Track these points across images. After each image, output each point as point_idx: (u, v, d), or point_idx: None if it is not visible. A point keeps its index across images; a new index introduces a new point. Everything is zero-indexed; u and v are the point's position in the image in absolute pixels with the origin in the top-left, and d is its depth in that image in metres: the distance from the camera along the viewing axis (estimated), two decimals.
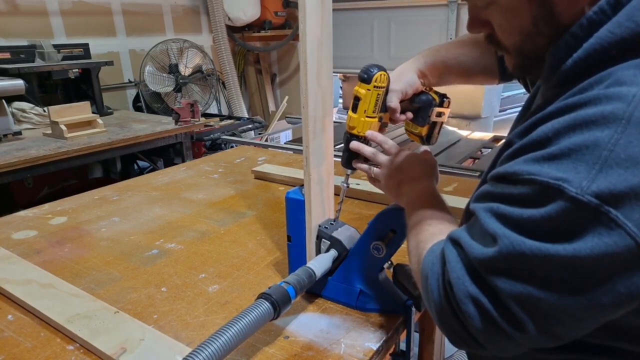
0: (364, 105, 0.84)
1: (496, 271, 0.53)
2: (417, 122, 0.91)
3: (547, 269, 0.50)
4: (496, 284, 0.53)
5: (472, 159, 2.58)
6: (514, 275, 0.52)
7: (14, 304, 0.96)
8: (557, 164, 0.49)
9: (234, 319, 0.69)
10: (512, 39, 0.62)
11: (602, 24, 0.53)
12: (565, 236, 0.48)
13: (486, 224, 0.55)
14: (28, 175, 2.15)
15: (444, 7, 3.40)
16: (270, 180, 1.73)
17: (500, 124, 3.96)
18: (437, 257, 0.63)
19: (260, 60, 4.79)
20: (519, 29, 0.60)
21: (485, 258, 0.54)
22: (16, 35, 2.94)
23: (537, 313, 0.52)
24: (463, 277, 0.57)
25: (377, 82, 0.82)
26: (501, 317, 0.53)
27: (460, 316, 0.57)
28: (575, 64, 0.55)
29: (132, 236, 1.28)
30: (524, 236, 0.51)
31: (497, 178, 0.57)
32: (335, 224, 0.95)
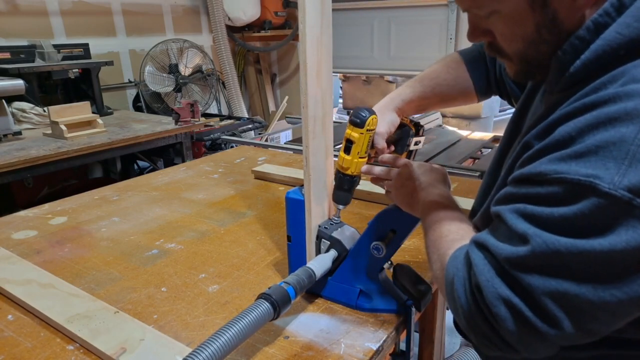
0: (357, 148, 0.88)
1: (529, 269, 0.54)
2: (396, 151, 0.97)
3: (583, 265, 0.50)
4: (529, 282, 0.53)
5: (472, 159, 2.58)
6: (548, 272, 0.52)
7: (14, 304, 0.96)
8: (585, 161, 0.50)
9: (234, 319, 0.69)
10: (515, 47, 0.63)
11: (608, 26, 0.55)
12: (599, 231, 0.49)
13: (514, 225, 0.55)
14: (28, 175, 2.15)
15: (444, 7, 3.40)
16: (270, 180, 1.73)
17: (500, 124, 3.96)
18: (461, 262, 0.63)
19: (260, 60, 4.79)
20: (522, 36, 0.61)
21: (516, 257, 0.54)
22: (16, 35, 2.94)
23: (573, 309, 0.52)
24: (492, 280, 0.56)
25: (369, 126, 0.86)
26: (535, 316, 0.54)
27: (491, 320, 0.57)
28: (584, 65, 0.56)
29: (132, 236, 1.28)
30: (557, 234, 0.51)
31: (521, 180, 0.57)
32: (335, 224, 0.95)
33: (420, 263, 1.07)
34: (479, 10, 0.63)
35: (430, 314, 1.30)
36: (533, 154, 0.57)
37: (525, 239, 0.53)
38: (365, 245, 0.88)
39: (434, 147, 2.68)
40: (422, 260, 1.08)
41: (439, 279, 0.69)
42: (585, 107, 0.53)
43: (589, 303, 0.51)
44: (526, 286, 0.54)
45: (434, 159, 2.45)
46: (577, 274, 0.51)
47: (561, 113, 0.56)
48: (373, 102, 0.98)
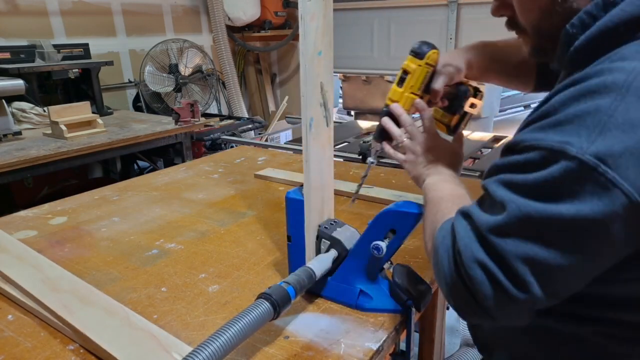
0: (411, 80, 0.83)
1: (503, 234, 0.56)
2: (449, 110, 0.91)
3: (550, 230, 0.53)
4: (502, 246, 0.55)
5: (472, 159, 2.58)
6: (520, 237, 0.54)
7: (14, 304, 0.96)
8: (561, 130, 0.52)
9: (233, 319, 0.70)
10: (531, 17, 0.65)
11: (616, 4, 0.56)
12: (567, 196, 0.51)
13: (494, 192, 0.58)
14: (28, 175, 2.15)
15: (444, 7, 3.39)
16: (271, 180, 1.73)
17: (500, 124, 3.96)
18: (447, 231, 0.65)
19: (260, 60, 4.79)
20: (537, 5, 0.63)
21: (493, 223, 0.57)
22: (16, 35, 2.94)
23: (542, 273, 0.54)
24: (471, 244, 0.59)
25: (429, 60, 0.81)
26: (507, 280, 0.55)
27: (468, 283, 0.59)
28: (587, 40, 0.58)
29: (132, 236, 1.28)
30: (530, 199, 0.53)
31: (505, 150, 0.60)
32: (335, 224, 0.95)
33: (420, 263, 1.07)
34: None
35: (430, 314, 1.30)
36: (522, 125, 0.60)
37: (503, 205, 0.56)
38: (365, 245, 0.88)
39: None
40: (422, 260, 1.08)
41: (428, 249, 0.73)
42: (572, 82, 0.55)
43: (557, 267, 0.53)
44: (500, 251, 0.56)
45: None
46: (546, 238, 0.53)
47: (554, 90, 0.58)
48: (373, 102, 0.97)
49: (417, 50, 0.82)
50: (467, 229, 0.61)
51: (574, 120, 0.51)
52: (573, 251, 0.53)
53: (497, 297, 0.57)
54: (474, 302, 0.59)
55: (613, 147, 0.49)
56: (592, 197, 0.50)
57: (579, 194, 0.50)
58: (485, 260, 0.57)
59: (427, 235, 0.75)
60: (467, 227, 0.61)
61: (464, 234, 0.61)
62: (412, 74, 0.82)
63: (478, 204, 0.63)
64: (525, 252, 0.54)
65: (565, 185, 0.51)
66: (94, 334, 0.81)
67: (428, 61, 0.81)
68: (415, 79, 0.83)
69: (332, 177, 0.96)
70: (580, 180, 0.50)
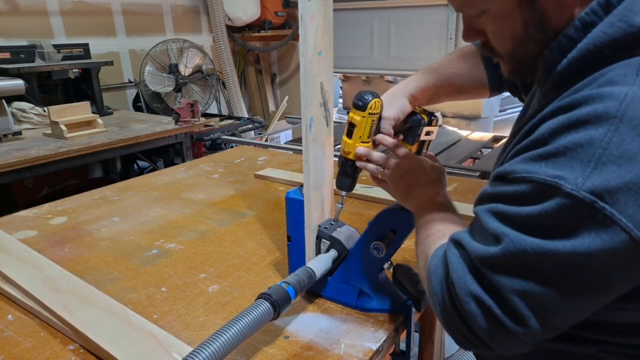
0: (359, 131, 0.85)
1: (498, 269, 0.54)
2: (407, 141, 0.93)
3: (547, 265, 0.51)
4: (498, 280, 0.54)
5: (472, 159, 2.58)
6: (515, 272, 0.53)
7: (14, 304, 0.96)
8: (554, 162, 0.50)
9: (234, 319, 0.70)
10: (505, 45, 0.64)
11: (595, 25, 0.54)
12: (563, 233, 0.50)
13: (487, 223, 0.56)
14: (28, 175, 2.15)
15: (444, 7, 3.39)
16: (271, 180, 1.73)
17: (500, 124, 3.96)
18: (440, 259, 0.64)
19: (260, 60, 4.79)
20: (510, 34, 0.62)
21: (486, 256, 0.55)
22: (16, 35, 2.94)
23: (539, 308, 0.53)
24: (464, 277, 0.57)
25: (372, 110, 0.84)
26: (504, 314, 0.54)
27: (464, 316, 0.58)
28: (570, 64, 0.57)
29: (132, 236, 1.28)
30: (524, 233, 0.52)
31: (496, 178, 0.58)
32: (335, 224, 0.95)
33: None
34: (469, 9, 0.63)
35: (430, 314, 1.30)
36: (513, 153, 0.58)
37: (497, 237, 0.54)
38: (365, 245, 0.88)
39: (434, 147, 2.68)
40: None
41: (422, 277, 0.71)
42: (560, 108, 0.54)
43: (554, 302, 0.52)
44: (495, 284, 0.54)
45: None
46: (542, 274, 0.52)
47: (542, 114, 0.56)
48: None
49: (359, 102, 0.83)
50: (460, 260, 0.59)
51: (566, 152, 0.50)
52: (569, 287, 0.51)
53: (493, 330, 0.56)
54: (471, 333, 0.58)
55: (610, 182, 0.47)
56: (590, 234, 0.48)
57: (575, 230, 0.49)
58: (480, 294, 0.55)
59: (420, 261, 0.73)
60: (459, 258, 0.59)
61: (456, 265, 0.59)
62: (359, 126, 0.85)
63: (470, 231, 0.61)
64: (522, 287, 0.52)
65: (560, 221, 0.50)
66: (94, 334, 0.81)
67: (371, 111, 0.83)
68: (362, 129, 0.85)
69: (332, 177, 0.96)
70: (576, 217, 0.49)
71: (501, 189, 0.56)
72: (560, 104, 0.54)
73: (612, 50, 0.53)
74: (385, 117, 0.88)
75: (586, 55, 0.55)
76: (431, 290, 0.64)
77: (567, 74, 0.57)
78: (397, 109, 0.90)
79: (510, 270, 0.53)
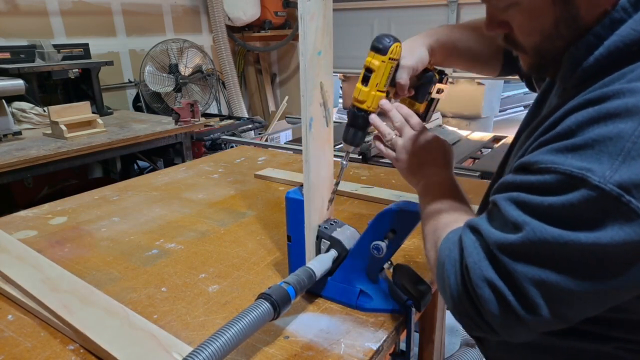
0: (376, 78, 0.79)
1: (516, 256, 0.54)
2: (416, 98, 0.88)
3: (567, 256, 0.51)
4: (514, 268, 0.54)
5: (472, 159, 2.58)
6: (533, 261, 0.53)
7: (14, 304, 0.96)
8: (581, 154, 0.50)
9: (234, 319, 0.70)
10: (532, 40, 0.63)
11: (623, 22, 0.54)
12: (586, 224, 0.50)
13: (507, 212, 0.56)
14: (28, 175, 2.15)
15: (444, 7, 3.40)
16: (271, 180, 1.73)
17: (500, 124, 3.96)
18: (454, 243, 0.64)
19: (260, 60, 4.79)
20: (540, 30, 0.61)
21: (505, 243, 0.55)
22: (16, 35, 2.94)
23: (552, 297, 0.53)
24: (480, 262, 0.58)
25: (392, 54, 0.78)
26: (516, 301, 0.55)
27: (476, 301, 0.58)
28: (597, 61, 0.56)
29: (132, 236, 1.28)
30: (546, 223, 0.52)
31: (518, 168, 0.58)
32: (335, 224, 0.95)
33: (420, 263, 1.07)
34: (498, 1, 0.62)
35: (430, 314, 1.30)
36: (536, 145, 0.58)
37: (517, 226, 0.54)
38: (365, 245, 0.88)
39: None
40: (422, 261, 1.08)
41: (431, 259, 0.71)
42: (588, 101, 0.53)
43: (569, 293, 0.52)
44: (511, 271, 0.55)
45: None
46: (560, 264, 0.52)
47: (567, 107, 0.56)
48: None
49: (379, 45, 0.78)
50: (476, 245, 0.59)
51: (593, 145, 0.49)
52: (587, 278, 0.51)
53: (504, 316, 0.56)
54: (480, 318, 0.59)
55: (638, 177, 0.47)
56: (613, 226, 0.48)
57: (599, 222, 0.49)
58: (494, 280, 0.56)
59: (428, 244, 0.73)
60: (475, 243, 0.59)
61: (472, 250, 0.59)
62: (377, 72, 0.79)
63: (487, 218, 0.61)
64: (538, 275, 0.53)
65: (584, 213, 0.50)
66: (94, 334, 0.81)
67: (392, 56, 0.77)
68: (380, 76, 0.79)
69: (332, 177, 0.96)
70: (600, 209, 0.49)
71: (524, 179, 0.56)
72: (588, 97, 0.54)
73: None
74: (404, 65, 0.83)
75: (614, 52, 0.54)
76: (442, 273, 0.64)
77: (593, 70, 0.57)
78: (417, 58, 0.85)
79: (528, 259, 0.53)
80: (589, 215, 0.49)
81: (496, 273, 0.56)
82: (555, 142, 0.54)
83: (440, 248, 0.66)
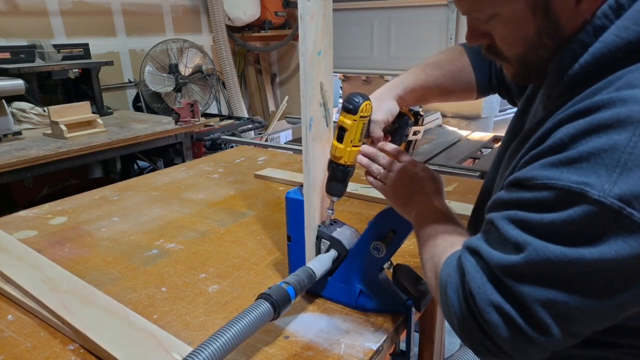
0: (350, 135, 0.84)
1: (520, 277, 0.53)
2: (394, 141, 0.92)
3: (572, 273, 0.50)
4: (520, 290, 0.53)
5: (472, 159, 2.58)
6: (538, 281, 0.52)
7: (14, 304, 0.96)
8: (577, 168, 0.49)
9: (234, 319, 0.70)
10: (515, 50, 0.62)
11: (606, 28, 0.54)
12: (589, 240, 0.49)
13: (505, 231, 0.55)
14: (28, 175, 2.15)
15: (444, 7, 3.39)
16: (271, 180, 1.73)
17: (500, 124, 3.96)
18: (453, 268, 0.62)
19: (260, 60, 4.79)
20: (522, 40, 0.60)
21: (508, 265, 0.54)
22: (16, 35, 2.94)
23: (561, 316, 0.52)
24: (484, 286, 0.56)
25: (362, 113, 0.82)
26: (526, 323, 0.53)
27: (484, 326, 0.57)
28: (582, 68, 0.56)
29: (132, 236, 1.28)
30: (547, 241, 0.51)
31: (513, 184, 0.57)
32: (335, 224, 0.95)
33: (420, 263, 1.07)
34: (478, 13, 0.62)
35: (430, 314, 1.30)
36: (528, 158, 0.57)
37: (518, 246, 0.53)
38: (365, 245, 0.88)
39: (434, 147, 2.68)
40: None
41: (432, 286, 0.69)
42: (579, 112, 0.52)
43: (578, 310, 0.51)
44: (517, 294, 0.53)
45: (434, 159, 2.45)
46: (567, 282, 0.51)
47: (557, 119, 0.55)
48: None
49: (349, 105, 0.82)
50: (477, 268, 0.58)
51: (589, 158, 0.49)
52: (595, 294, 0.50)
53: (514, 339, 0.55)
54: (490, 342, 0.57)
55: (637, 188, 0.46)
56: (617, 240, 0.47)
57: (602, 237, 0.48)
58: (501, 303, 0.54)
59: (428, 270, 0.71)
60: (476, 266, 0.58)
61: (474, 274, 0.57)
62: (350, 130, 0.83)
63: (485, 239, 0.59)
64: (545, 295, 0.52)
65: (586, 228, 0.49)
66: (94, 334, 0.81)
67: (362, 114, 0.82)
68: (354, 133, 0.84)
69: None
70: (602, 223, 0.48)
71: (519, 196, 0.55)
72: (577, 107, 0.53)
73: (627, 54, 0.53)
74: (375, 120, 0.87)
75: (599, 58, 0.54)
76: (446, 300, 0.62)
77: (579, 78, 0.56)
78: (387, 111, 0.89)
79: (533, 279, 0.52)
80: (591, 230, 0.49)
81: (501, 296, 0.55)
82: (548, 156, 0.53)
83: (441, 274, 0.65)
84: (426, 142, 2.79)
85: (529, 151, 0.58)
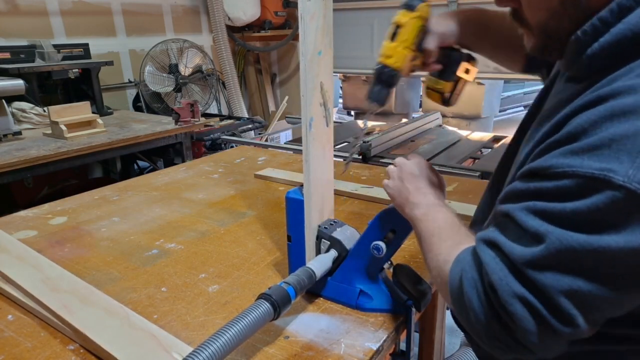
0: (404, 34, 0.78)
1: (543, 268, 0.52)
2: (442, 76, 0.87)
3: (596, 262, 0.50)
4: (543, 281, 0.52)
5: (472, 159, 2.58)
6: (561, 270, 0.51)
7: (14, 304, 0.96)
8: (598, 155, 0.49)
9: (234, 320, 0.70)
10: (538, 16, 0.61)
11: (632, 9, 0.52)
12: (613, 227, 0.48)
13: (524, 222, 0.54)
14: (28, 175, 2.15)
15: (444, 7, 3.39)
16: (271, 180, 1.73)
17: (500, 124, 3.96)
18: (469, 263, 0.61)
19: (260, 60, 4.79)
20: (546, 6, 0.59)
21: (531, 256, 0.53)
22: (16, 35, 2.94)
23: (585, 306, 0.51)
24: (506, 278, 0.55)
25: (421, 12, 0.78)
26: (550, 314, 0.52)
27: (508, 320, 0.55)
28: (602, 48, 0.55)
29: (132, 236, 1.28)
30: (571, 230, 0.50)
31: (530, 174, 0.56)
32: (335, 224, 0.95)
33: (420, 263, 1.07)
34: None
35: (430, 314, 1.30)
36: (545, 147, 0.56)
37: (538, 237, 0.52)
38: (365, 245, 0.88)
39: (434, 147, 2.68)
40: (422, 260, 1.08)
41: (440, 285, 0.67)
42: (599, 98, 0.51)
43: (602, 299, 0.51)
44: (540, 285, 0.52)
45: (434, 159, 2.45)
46: (591, 271, 0.50)
47: (576, 105, 0.54)
48: None
49: (409, 2, 0.78)
50: (497, 261, 0.56)
51: (610, 144, 0.48)
52: (619, 283, 0.50)
53: (540, 332, 0.53)
54: (511, 339, 0.56)
55: None
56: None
57: (627, 223, 0.47)
58: (525, 294, 0.53)
59: (433, 268, 0.70)
60: (496, 259, 0.56)
61: (495, 267, 0.56)
62: (405, 27, 0.78)
63: (500, 231, 0.58)
64: (569, 285, 0.51)
65: (610, 215, 0.48)
66: (94, 334, 0.81)
67: (420, 14, 0.78)
68: (408, 32, 0.79)
69: (332, 177, 0.96)
70: (627, 209, 0.47)
71: (538, 186, 0.54)
72: (597, 93, 0.52)
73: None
74: (433, 31, 0.82)
75: (622, 41, 0.53)
76: (461, 297, 0.60)
77: (599, 61, 0.55)
78: (447, 27, 0.84)
79: (556, 269, 0.51)
80: (616, 217, 0.48)
81: (525, 287, 0.53)
82: (567, 143, 0.52)
83: (451, 271, 0.63)
84: (426, 142, 2.80)
85: (545, 138, 0.57)
